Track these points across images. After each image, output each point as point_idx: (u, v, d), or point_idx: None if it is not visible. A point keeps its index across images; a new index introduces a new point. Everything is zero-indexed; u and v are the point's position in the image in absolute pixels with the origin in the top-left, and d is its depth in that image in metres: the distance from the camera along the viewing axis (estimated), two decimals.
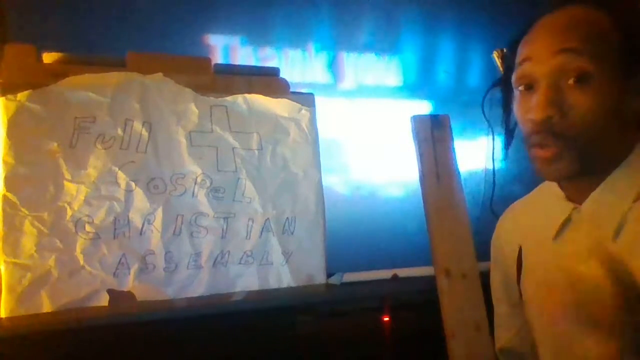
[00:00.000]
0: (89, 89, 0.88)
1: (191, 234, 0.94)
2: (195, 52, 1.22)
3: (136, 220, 0.90)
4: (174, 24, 1.20)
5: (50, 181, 0.85)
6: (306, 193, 1.02)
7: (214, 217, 0.95)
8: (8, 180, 0.82)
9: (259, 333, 1.07)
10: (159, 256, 0.91)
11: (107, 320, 0.88)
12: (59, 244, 0.85)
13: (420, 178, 0.67)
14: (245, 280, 0.97)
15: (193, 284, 0.94)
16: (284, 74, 1.04)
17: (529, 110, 0.66)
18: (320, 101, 1.05)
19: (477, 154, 1.47)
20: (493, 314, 0.87)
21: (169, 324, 0.99)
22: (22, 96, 0.84)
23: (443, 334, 0.64)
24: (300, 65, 1.34)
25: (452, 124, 0.70)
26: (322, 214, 1.03)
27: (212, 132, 0.96)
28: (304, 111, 1.02)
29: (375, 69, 1.41)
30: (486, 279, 0.81)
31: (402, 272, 1.30)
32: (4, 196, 0.82)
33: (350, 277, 1.20)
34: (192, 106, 0.95)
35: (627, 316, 0.65)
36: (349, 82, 1.40)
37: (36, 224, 0.84)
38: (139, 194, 0.90)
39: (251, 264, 0.98)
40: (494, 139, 0.85)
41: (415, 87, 1.46)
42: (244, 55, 1.29)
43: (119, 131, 0.90)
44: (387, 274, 1.30)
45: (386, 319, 1.19)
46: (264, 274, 0.99)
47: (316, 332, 1.14)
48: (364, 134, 1.38)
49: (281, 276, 1.00)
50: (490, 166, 0.89)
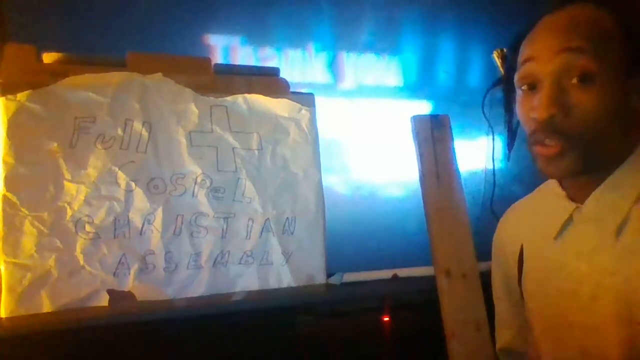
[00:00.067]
0: (89, 89, 0.88)
1: (191, 234, 0.94)
2: (195, 52, 1.22)
3: (136, 220, 0.90)
4: (174, 24, 1.20)
5: (50, 181, 0.85)
6: (306, 193, 1.02)
7: (214, 217, 0.95)
8: (8, 180, 0.82)
9: (259, 333, 1.07)
10: (159, 256, 0.91)
11: (107, 320, 0.88)
12: (59, 244, 0.85)
13: (420, 178, 0.67)
14: (245, 280, 0.97)
15: (193, 284, 0.94)
16: (284, 74, 1.04)
17: (532, 110, 0.66)
18: (320, 101, 1.05)
19: (477, 154, 1.47)
20: (493, 313, 0.87)
21: (169, 324, 0.99)
22: (22, 96, 0.84)
23: (443, 334, 0.64)
24: (300, 65, 1.34)
25: (452, 124, 0.70)
26: (322, 214, 1.03)
27: (212, 132, 0.96)
28: (304, 111, 1.02)
29: (375, 69, 1.41)
30: (486, 279, 0.81)
31: (402, 272, 1.30)
32: (4, 196, 0.82)
33: (350, 277, 1.20)
34: (192, 106, 0.95)
35: (628, 316, 0.65)
36: (349, 82, 1.39)
37: (36, 224, 0.84)
38: (139, 194, 0.90)
39: (251, 264, 0.98)
40: (494, 139, 0.85)
41: (415, 87, 1.46)
42: (244, 55, 1.29)
43: (119, 131, 0.90)
44: (387, 274, 1.29)
45: (386, 319, 1.19)
46: (264, 274, 0.99)
47: (316, 332, 1.14)
48: (364, 134, 1.38)
49: (281, 276, 1.00)
50: (490, 166, 0.89)
